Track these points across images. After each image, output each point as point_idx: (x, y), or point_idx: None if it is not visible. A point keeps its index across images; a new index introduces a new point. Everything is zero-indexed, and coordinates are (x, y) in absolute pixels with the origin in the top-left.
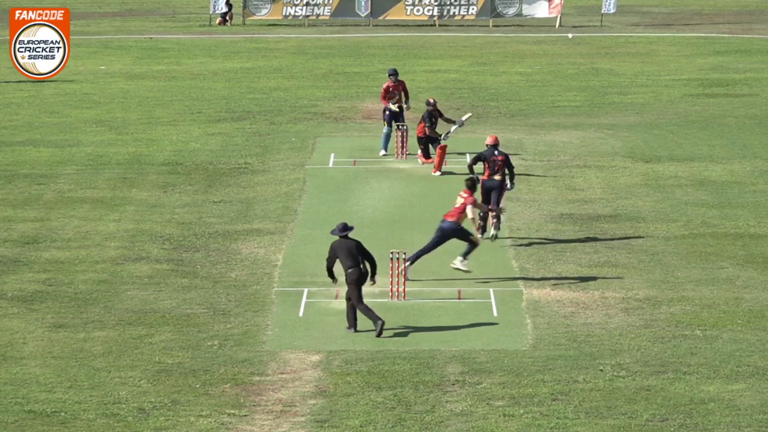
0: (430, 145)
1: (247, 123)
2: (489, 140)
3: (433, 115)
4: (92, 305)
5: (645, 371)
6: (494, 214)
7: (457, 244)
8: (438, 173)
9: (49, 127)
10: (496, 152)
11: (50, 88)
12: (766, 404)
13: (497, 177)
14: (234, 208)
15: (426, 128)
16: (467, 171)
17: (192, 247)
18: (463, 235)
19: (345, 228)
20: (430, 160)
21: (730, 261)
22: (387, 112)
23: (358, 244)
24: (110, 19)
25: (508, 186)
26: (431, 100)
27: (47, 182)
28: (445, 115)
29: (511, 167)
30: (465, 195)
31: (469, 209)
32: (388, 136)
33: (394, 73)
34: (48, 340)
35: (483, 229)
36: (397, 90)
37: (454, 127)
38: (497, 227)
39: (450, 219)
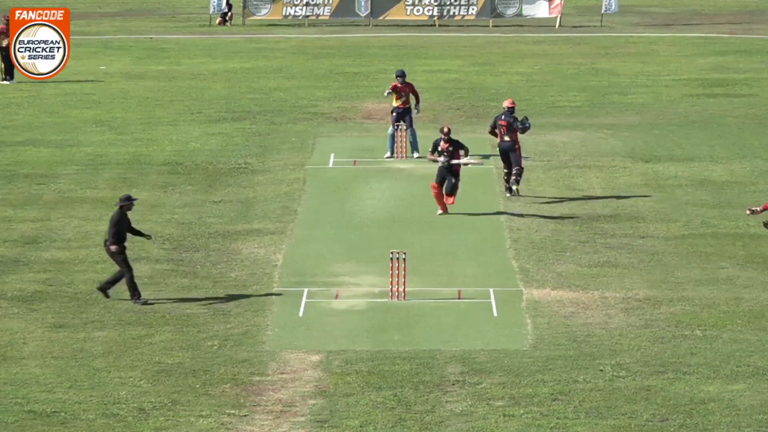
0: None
1: (247, 123)
2: (505, 103)
3: (437, 144)
4: (92, 305)
5: (645, 371)
6: (515, 172)
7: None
8: (440, 212)
9: (49, 127)
10: (502, 117)
11: (50, 88)
12: (766, 404)
13: (507, 138)
14: (234, 208)
15: (428, 154)
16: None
17: (192, 247)
18: None
19: (122, 199)
20: (451, 201)
21: (730, 261)
22: (394, 113)
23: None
24: (110, 19)
25: (522, 126)
26: (445, 129)
27: (47, 182)
28: (459, 150)
29: (516, 129)
30: None
31: None
32: (393, 137)
33: (401, 75)
34: (48, 340)
35: (510, 190)
36: (404, 91)
37: (456, 160)
38: (517, 182)
39: None
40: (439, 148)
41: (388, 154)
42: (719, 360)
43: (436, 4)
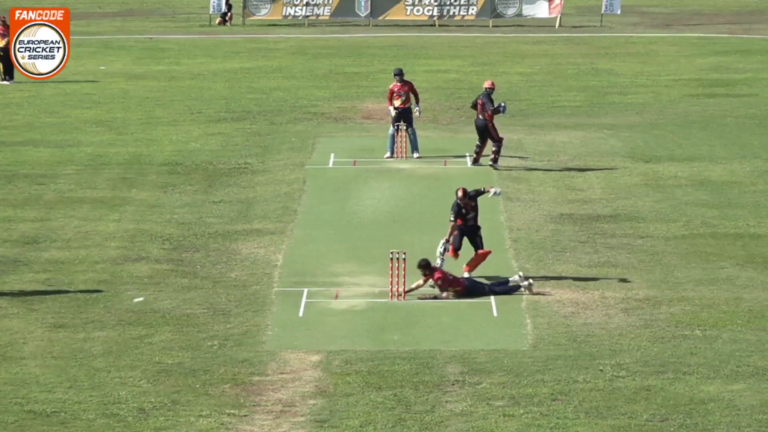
0: (466, 238)
1: (247, 123)
2: (485, 84)
3: (458, 207)
4: (92, 305)
5: (645, 371)
6: (494, 149)
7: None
8: (466, 274)
9: (49, 127)
10: (481, 96)
11: (50, 88)
12: (766, 404)
13: (481, 117)
14: (234, 208)
15: (450, 221)
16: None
17: (192, 247)
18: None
19: None
20: (483, 253)
21: (730, 261)
22: (394, 113)
23: None
24: (110, 19)
25: (493, 109)
26: (459, 193)
27: (47, 182)
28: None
29: (489, 108)
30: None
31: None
32: (392, 138)
33: (399, 74)
34: (48, 340)
35: (476, 161)
36: (403, 90)
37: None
38: (495, 160)
39: None
40: (463, 211)
41: (388, 154)
42: (719, 360)
43: (436, 4)
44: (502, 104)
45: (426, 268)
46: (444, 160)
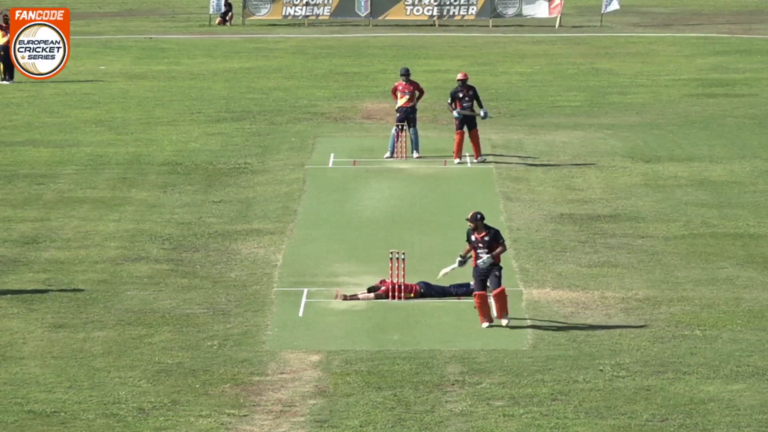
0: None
1: (247, 123)
2: (458, 75)
3: (470, 235)
4: (92, 305)
5: (645, 371)
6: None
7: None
8: (486, 324)
9: (49, 127)
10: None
11: (50, 88)
12: (766, 404)
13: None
14: (234, 208)
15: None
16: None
17: (192, 247)
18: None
19: None
20: (499, 289)
21: (730, 261)
22: (398, 113)
23: None
24: (110, 19)
25: (481, 114)
26: (478, 215)
27: (47, 182)
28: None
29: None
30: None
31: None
32: (394, 137)
33: (405, 74)
34: (48, 340)
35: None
36: (408, 90)
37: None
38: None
39: None
40: (473, 238)
41: (388, 153)
42: (719, 360)
43: (436, 4)
44: (480, 111)
45: (372, 290)
46: (444, 160)
